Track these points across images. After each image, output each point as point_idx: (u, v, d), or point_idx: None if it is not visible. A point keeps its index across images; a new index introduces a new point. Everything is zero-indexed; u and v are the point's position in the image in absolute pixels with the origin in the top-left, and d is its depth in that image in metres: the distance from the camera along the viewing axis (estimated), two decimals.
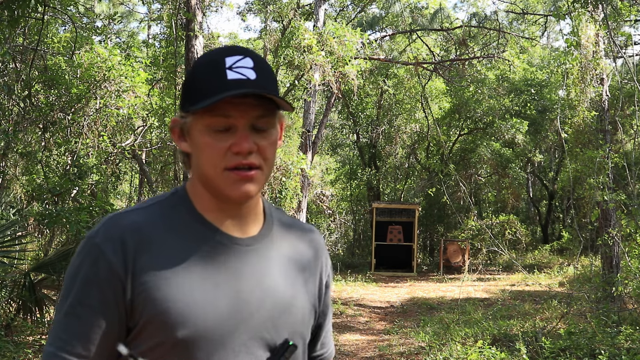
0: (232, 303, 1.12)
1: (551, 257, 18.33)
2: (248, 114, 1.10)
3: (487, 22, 16.54)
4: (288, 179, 11.50)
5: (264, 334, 1.14)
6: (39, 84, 9.97)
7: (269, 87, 1.11)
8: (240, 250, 1.16)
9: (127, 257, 1.08)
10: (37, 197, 9.95)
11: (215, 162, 1.10)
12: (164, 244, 1.11)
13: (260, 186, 1.13)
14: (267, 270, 1.17)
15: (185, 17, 9.41)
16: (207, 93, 1.09)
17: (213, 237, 1.15)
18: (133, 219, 1.13)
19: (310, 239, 1.29)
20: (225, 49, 1.13)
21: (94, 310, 1.08)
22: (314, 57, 9.60)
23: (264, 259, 1.18)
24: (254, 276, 1.16)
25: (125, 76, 9.50)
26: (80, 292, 1.09)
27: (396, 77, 18.96)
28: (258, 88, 1.08)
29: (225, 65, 1.10)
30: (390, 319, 9.48)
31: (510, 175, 19.73)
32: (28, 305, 6.49)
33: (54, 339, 1.09)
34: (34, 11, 6.76)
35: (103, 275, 1.08)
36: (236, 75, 1.09)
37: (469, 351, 6.07)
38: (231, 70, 1.09)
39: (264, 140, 1.12)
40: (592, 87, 9.53)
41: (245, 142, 1.09)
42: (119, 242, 1.09)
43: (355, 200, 22.69)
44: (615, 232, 8.64)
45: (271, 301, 1.15)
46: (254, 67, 1.11)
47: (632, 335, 6.02)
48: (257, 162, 1.11)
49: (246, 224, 1.19)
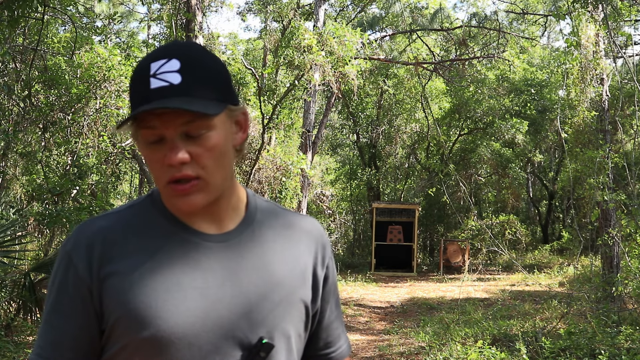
0: (200, 302, 1.08)
1: (551, 257, 18.34)
2: (173, 123, 1.03)
3: (487, 22, 16.54)
4: (288, 179, 11.50)
5: (237, 332, 1.09)
6: (39, 84, 9.97)
7: (196, 90, 1.03)
8: (212, 247, 1.12)
9: (92, 262, 1.09)
10: (37, 197, 9.95)
11: (158, 175, 1.07)
12: (130, 246, 1.10)
13: (208, 194, 1.07)
14: (242, 266, 1.13)
15: (185, 18, 9.42)
16: (133, 105, 1.05)
17: (183, 235, 1.12)
18: (101, 225, 1.13)
19: (303, 229, 1.23)
20: (154, 52, 1.07)
21: (66, 317, 1.10)
22: (314, 57, 9.59)
23: (240, 254, 1.14)
24: (227, 273, 1.11)
25: (125, 76, 9.50)
26: (54, 300, 1.12)
27: (396, 77, 18.96)
28: (180, 94, 1.02)
29: (149, 73, 1.04)
30: (390, 319, 9.48)
31: (510, 175, 19.73)
32: (28, 305, 6.49)
33: (35, 346, 1.12)
34: (34, 11, 6.76)
35: (72, 281, 1.10)
36: (159, 82, 1.03)
37: (469, 351, 6.07)
38: (155, 77, 1.03)
39: (198, 147, 1.05)
40: (592, 87, 9.53)
41: (172, 154, 1.03)
42: (85, 248, 1.10)
43: (355, 200, 22.70)
44: (615, 232, 8.64)
45: (245, 298, 1.11)
46: (180, 70, 1.03)
47: (632, 335, 6.02)
48: (194, 173, 1.05)
49: (221, 219, 1.15)
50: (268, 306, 1.12)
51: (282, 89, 12.10)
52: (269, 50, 18.06)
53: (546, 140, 20.26)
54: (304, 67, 9.86)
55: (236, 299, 1.10)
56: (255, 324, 1.11)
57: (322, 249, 1.24)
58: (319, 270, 1.22)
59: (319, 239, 1.24)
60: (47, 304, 1.13)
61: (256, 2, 18.67)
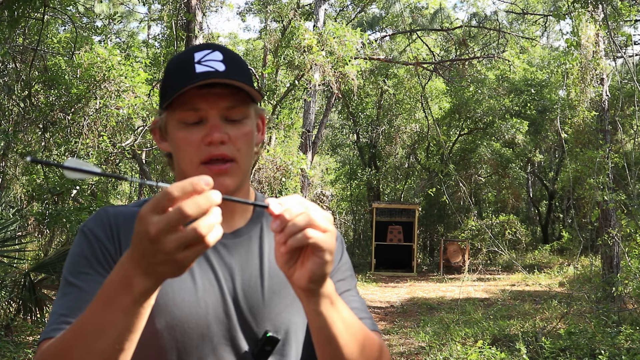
0: (211, 294, 1.11)
1: (551, 257, 18.34)
2: (217, 105, 1.09)
3: (487, 22, 16.55)
4: (288, 179, 11.50)
5: (245, 326, 1.12)
6: (39, 84, 9.97)
7: (239, 78, 1.09)
8: (223, 243, 1.15)
9: (113, 237, 1.11)
10: (37, 197, 9.95)
11: (191, 156, 1.10)
12: None
13: (238, 179, 1.12)
14: (250, 262, 1.16)
15: (185, 18, 9.42)
16: (176, 88, 1.08)
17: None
18: (120, 210, 1.16)
19: None
20: (195, 46, 1.13)
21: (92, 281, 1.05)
22: (314, 57, 9.60)
23: (250, 250, 1.17)
24: (237, 268, 1.15)
25: (125, 76, 9.49)
26: (71, 268, 1.08)
27: (396, 77, 18.97)
28: (227, 79, 1.07)
29: (194, 60, 1.09)
30: (390, 319, 9.47)
31: (510, 175, 19.74)
32: (28, 305, 6.49)
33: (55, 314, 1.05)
34: (34, 11, 6.76)
35: (92, 247, 1.08)
36: (204, 68, 1.08)
37: (469, 351, 6.07)
38: (199, 64, 1.09)
39: (237, 130, 1.10)
40: (592, 87, 9.54)
41: (215, 132, 1.08)
42: (107, 224, 1.12)
43: (355, 200, 22.70)
44: (615, 232, 8.65)
45: (255, 292, 1.14)
46: (223, 60, 1.10)
47: (632, 335, 6.02)
48: (230, 154, 1.09)
49: (231, 217, 1.18)
50: (276, 300, 1.15)
51: (282, 89, 12.10)
52: (269, 50, 18.05)
53: (546, 140, 20.27)
54: (304, 67, 9.87)
55: (245, 294, 1.13)
56: (263, 318, 1.13)
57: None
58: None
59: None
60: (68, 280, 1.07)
61: (256, 2, 18.67)
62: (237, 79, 1.08)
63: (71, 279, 1.07)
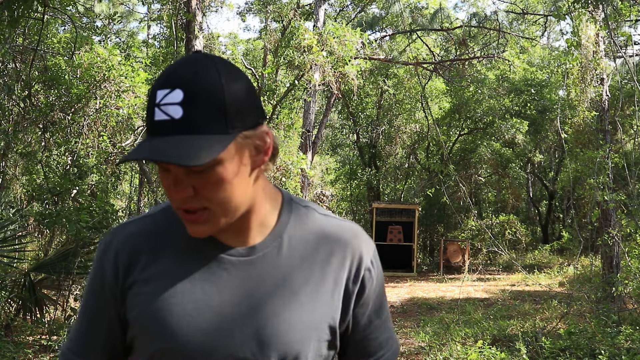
0: (213, 318, 1.06)
1: (551, 257, 18.34)
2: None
3: (487, 22, 16.54)
4: (288, 179, 11.50)
5: (247, 354, 1.05)
6: (39, 84, 9.97)
7: (200, 123, 0.97)
8: (234, 261, 1.09)
9: (119, 270, 1.11)
10: (37, 197, 9.95)
11: (170, 199, 1.04)
12: (155, 256, 1.11)
13: (216, 224, 1.03)
14: (262, 284, 1.08)
15: (185, 18, 9.42)
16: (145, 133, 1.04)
17: (206, 247, 1.10)
18: (131, 231, 1.14)
19: (338, 240, 1.15)
20: (162, 76, 1.01)
21: (93, 318, 1.15)
22: (314, 57, 9.60)
23: (263, 270, 1.09)
24: (244, 291, 1.08)
25: (125, 76, 9.50)
26: (85, 300, 1.17)
27: (396, 77, 18.97)
28: (181, 130, 0.96)
29: (155, 101, 0.99)
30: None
31: (510, 175, 19.74)
32: (28, 305, 6.50)
33: (68, 338, 1.19)
34: (34, 11, 6.76)
35: (100, 285, 1.14)
36: (161, 115, 0.97)
37: (469, 351, 6.07)
38: (159, 108, 0.98)
39: (203, 180, 0.99)
40: (592, 87, 9.54)
41: (175, 189, 1.01)
42: (114, 255, 1.12)
43: (355, 200, 22.70)
44: (615, 232, 8.65)
45: (260, 318, 1.07)
46: (183, 102, 0.97)
47: (632, 335, 6.02)
48: (198, 205, 1.01)
49: (247, 232, 1.10)
50: (284, 328, 1.07)
51: (282, 89, 12.09)
52: (269, 50, 18.06)
53: (546, 140, 20.26)
54: (304, 67, 9.87)
55: (250, 319, 1.07)
56: (267, 346, 1.06)
57: (358, 260, 1.16)
58: (351, 285, 1.15)
59: (355, 249, 1.16)
60: (82, 300, 1.18)
61: (256, 2, 18.67)
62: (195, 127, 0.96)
63: (85, 297, 1.18)
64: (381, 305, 1.21)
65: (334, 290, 1.12)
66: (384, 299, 1.23)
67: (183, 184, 1.00)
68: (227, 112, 0.98)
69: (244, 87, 1.02)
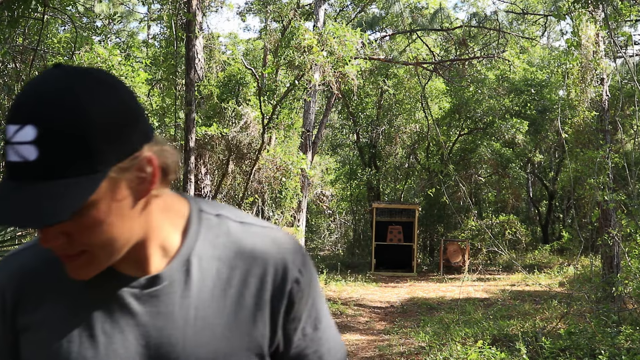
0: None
1: (551, 257, 18.33)
2: None
3: (487, 22, 16.55)
4: (288, 179, 11.51)
5: None
6: None
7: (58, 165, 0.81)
8: (135, 294, 0.95)
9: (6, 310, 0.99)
10: None
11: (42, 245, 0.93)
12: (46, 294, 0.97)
13: (100, 264, 0.91)
14: (170, 317, 0.95)
15: (185, 18, 9.42)
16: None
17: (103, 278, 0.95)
18: (20, 263, 1.00)
19: (255, 253, 1.00)
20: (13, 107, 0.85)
21: None
22: (314, 57, 9.60)
23: (169, 302, 0.95)
24: (150, 327, 0.95)
25: (125, 76, 9.50)
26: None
27: (396, 77, 18.97)
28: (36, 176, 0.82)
29: (8, 136, 0.83)
30: (390, 319, 9.48)
31: (510, 175, 19.73)
32: None
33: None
34: (34, 11, 6.76)
35: None
36: (14, 157, 0.82)
37: (469, 351, 6.07)
38: (11, 146, 0.82)
39: (75, 224, 0.85)
40: (592, 87, 9.54)
41: (42, 238, 0.87)
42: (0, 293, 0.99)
43: (355, 200, 22.70)
44: (615, 232, 8.65)
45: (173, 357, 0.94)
46: (37, 140, 0.80)
47: (632, 335, 6.02)
48: (73, 251, 0.88)
49: (146, 262, 0.96)
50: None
51: (282, 89, 12.10)
52: (269, 50, 18.05)
53: (546, 140, 20.26)
54: (304, 67, 9.87)
55: (163, 357, 0.94)
56: None
57: (282, 274, 1.00)
58: (276, 303, 1.00)
59: (278, 261, 1.01)
60: None
61: (256, 2, 18.67)
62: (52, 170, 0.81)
63: None
64: (318, 315, 1.07)
65: (256, 314, 0.99)
66: (322, 306, 1.09)
67: (50, 234, 0.86)
68: (93, 146, 0.82)
69: (117, 108, 0.86)
